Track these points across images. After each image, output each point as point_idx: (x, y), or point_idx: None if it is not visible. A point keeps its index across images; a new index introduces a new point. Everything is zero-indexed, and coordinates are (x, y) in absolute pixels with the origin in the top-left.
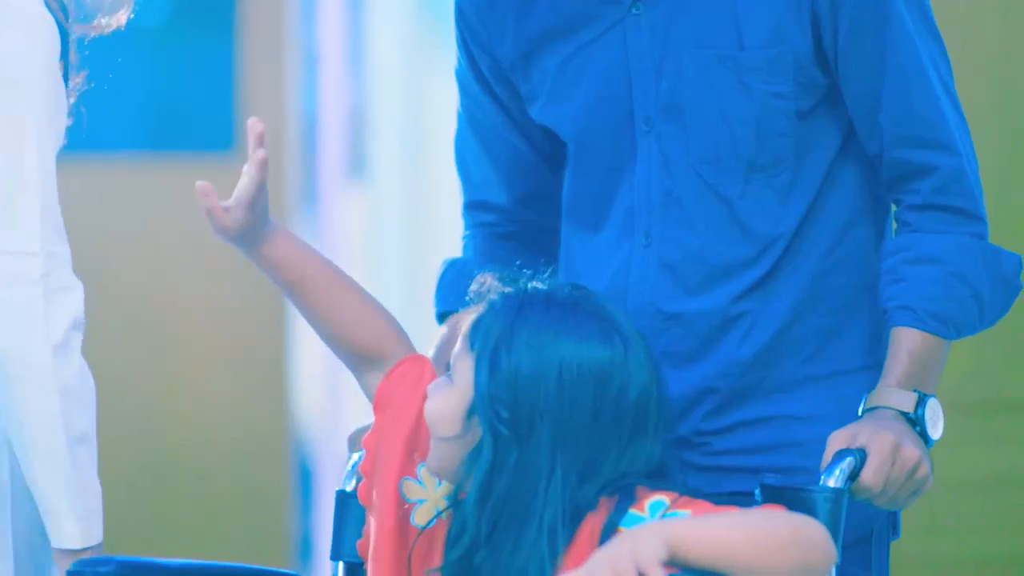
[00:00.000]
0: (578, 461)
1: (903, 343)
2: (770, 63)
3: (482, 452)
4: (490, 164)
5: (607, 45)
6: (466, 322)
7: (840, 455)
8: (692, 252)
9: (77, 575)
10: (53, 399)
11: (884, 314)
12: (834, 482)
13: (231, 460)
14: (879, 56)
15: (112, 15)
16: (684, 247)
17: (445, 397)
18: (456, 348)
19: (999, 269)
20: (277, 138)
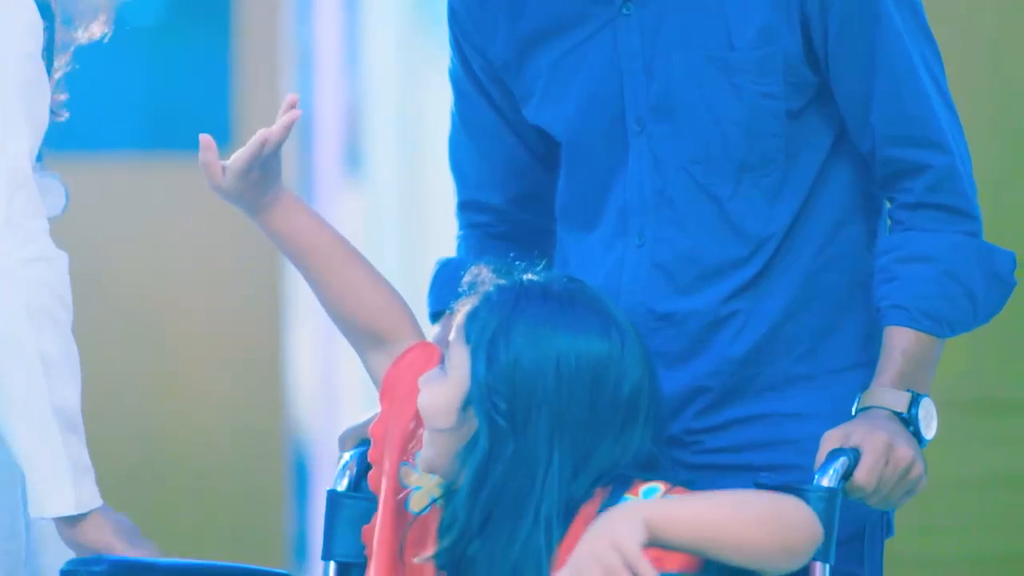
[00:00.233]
0: (575, 453)
1: (896, 342)
2: (759, 63)
3: (478, 443)
4: (484, 164)
5: (598, 45)
6: (460, 313)
7: (834, 454)
8: (684, 252)
9: (71, 574)
10: (35, 367)
11: (877, 313)
12: (828, 481)
13: (228, 459)
14: (869, 56)
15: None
16: (676, 247)
17: (440, 389)
18: (450, 339)
19: (992, 266)
20: None
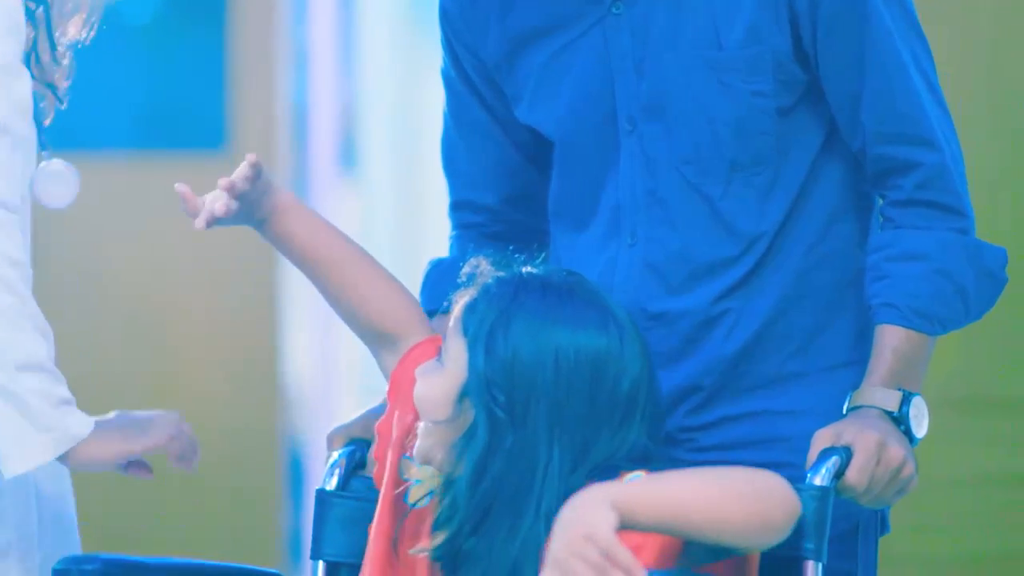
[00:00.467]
0: (573, 447)
1: (887, 341)
2: (749, 62)
3: (476, 434)
4: (476, 164)
5: (589, 44)
6: (458, 305)
7: (826, 453)
8: (675, 252)
9: (64, 573)
10: None
11: (869, 311)
12: (820, 480)
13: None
14: (858, 54)
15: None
16: (667, 247)
17: (436, 380)
18: (448, 331)
19: (983, 263)
20: (268, 135)
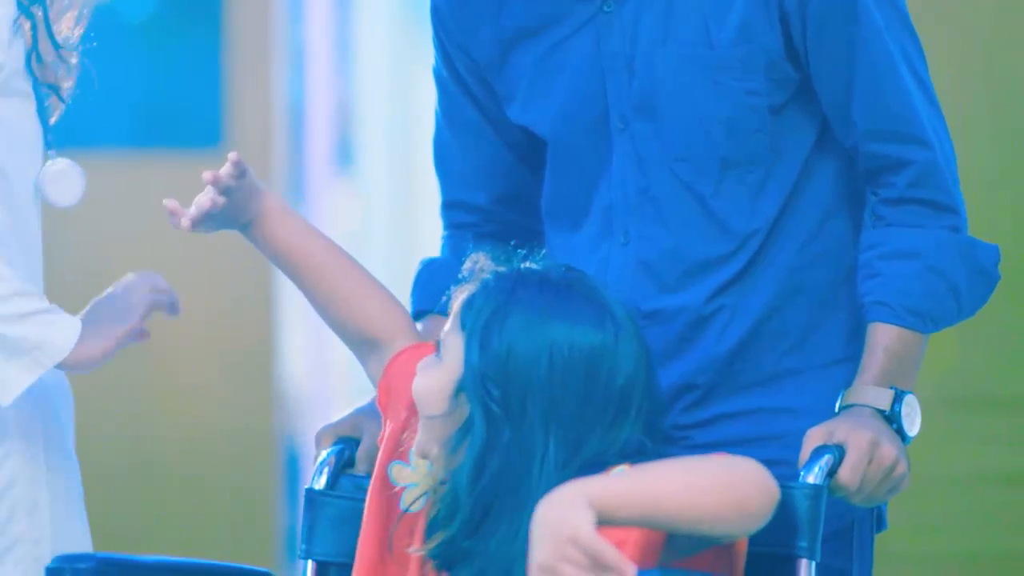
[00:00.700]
0: (567, 442)
1: (879, 339)
2: (741, 61)
3: (473, 430)
4: (468, 163)
5: (580, 43)
6: (457, 300)
7: (819, 452)
8: (668, 250)
9: (57, 572)
10: None
11: (861, 309)
12: (813, 478)
13: (220, 458)
14: (848, 52)
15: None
16: (660, 245)
17: (434, 374)
18: (447, 325)
19: (976, 261)
20: (265, 133)
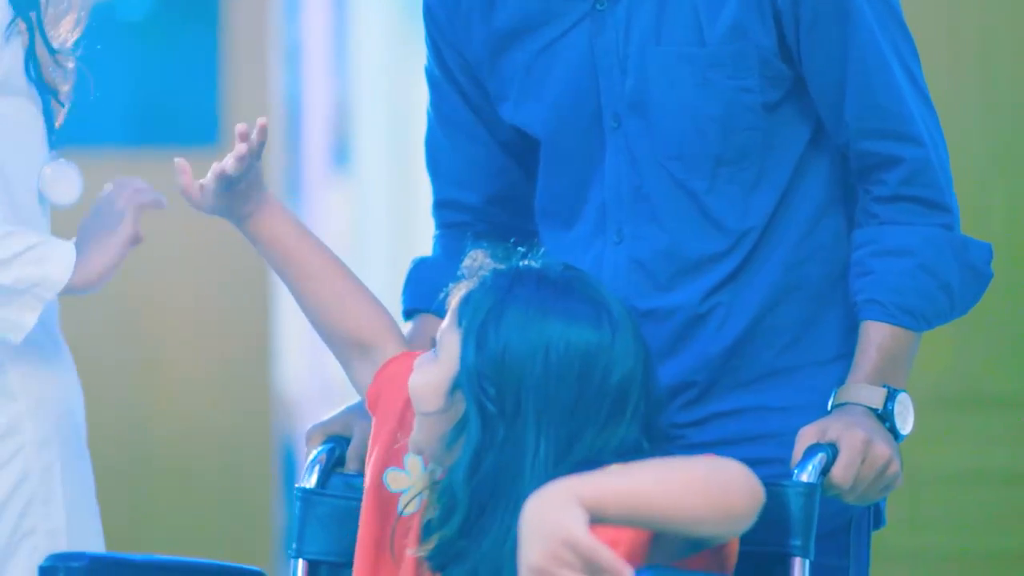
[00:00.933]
0: (559, 440)
1: (872, 337)
2: (734, 58)
3: (468, 428)
4: (460, 163)
5: (573, 41)
6: (455, 297)
7: (812, 450)
8: (662, 248)
9: (50, 571)
10: None
11: (854, 307)
12: (807, 477)
13: (216, 457)
14: (841, 50)
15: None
16: (654, 244)
17: (430, 370)
18: (444, 322)
19: (968, 259)
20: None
